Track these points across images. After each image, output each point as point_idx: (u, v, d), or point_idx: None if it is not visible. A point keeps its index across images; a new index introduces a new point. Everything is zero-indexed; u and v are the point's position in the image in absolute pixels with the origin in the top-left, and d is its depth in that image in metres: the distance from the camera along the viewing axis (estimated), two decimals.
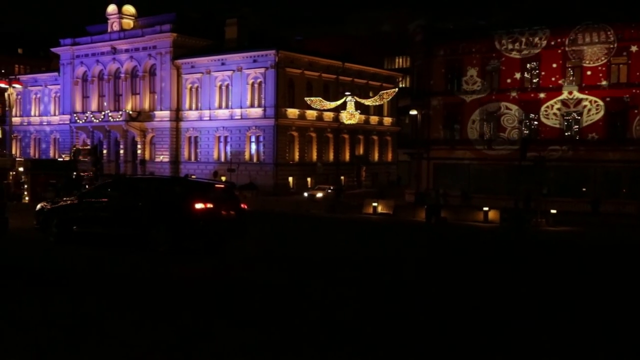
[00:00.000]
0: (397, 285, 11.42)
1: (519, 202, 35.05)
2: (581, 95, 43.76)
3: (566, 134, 44.86)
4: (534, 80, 45.85)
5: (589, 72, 43.67)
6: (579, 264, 16.48)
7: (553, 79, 44.73)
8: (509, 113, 46.06)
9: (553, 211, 36.53)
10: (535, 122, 45.74)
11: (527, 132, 45.65)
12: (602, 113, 43.41)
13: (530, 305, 9.78)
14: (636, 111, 42.68)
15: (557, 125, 44.68)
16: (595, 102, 43.47)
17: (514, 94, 46.00)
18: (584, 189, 43.82)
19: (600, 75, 43.29)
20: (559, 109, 44.50)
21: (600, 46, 42.96)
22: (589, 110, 43.65)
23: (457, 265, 14.95)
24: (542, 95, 45.08)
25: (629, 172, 42.65)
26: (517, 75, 46.00)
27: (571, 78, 44.43)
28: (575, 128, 44.82)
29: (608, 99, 43.28)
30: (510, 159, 42.57)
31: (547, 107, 44.76)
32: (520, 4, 51.13)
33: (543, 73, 45.18)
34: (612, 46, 42.70)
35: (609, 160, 43.15)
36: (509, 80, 46.27)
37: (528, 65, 45.82)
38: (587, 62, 43.39)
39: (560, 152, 43.84)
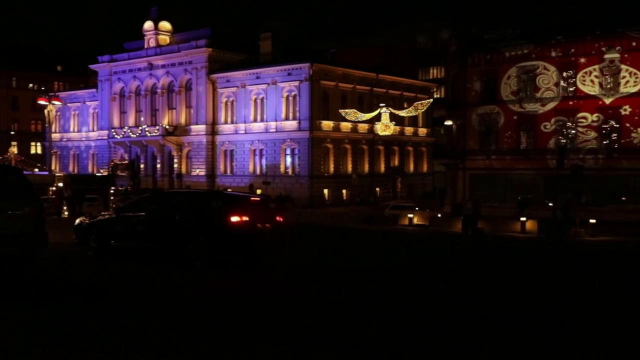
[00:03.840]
0: (434, 299, 11.31)
1: (557, 211, 34.45)
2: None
3: (604, 142, 44.05)
4: (570, 89, 45.21)
5: (624, 77, 42.94)
6: (625, 275, 16.10)
7: (589, 86, 44.13)
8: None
9: (592, 221, 35.82)
10: (573, 132, 45.04)
11: (564, 140, 44.92)
12: None
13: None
14: None
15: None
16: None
17: (552, 103, 45.46)
18: (623, 198, 42.93)
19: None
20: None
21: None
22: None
23: (498, 278, 14.75)
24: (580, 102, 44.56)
25: None
26: (553, 85, 45.46)
27: (609, 87, 43.69)
28: (614, 136, 43.98)
29: None
30: (548, 168, 42.05)
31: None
32: (556, 13, 50.64)
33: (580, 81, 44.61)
34: None
35: None
36: (545, 89, 45.70)
37: (564, 74, 45.25)
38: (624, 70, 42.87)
39: (597, 160, 43.24)
